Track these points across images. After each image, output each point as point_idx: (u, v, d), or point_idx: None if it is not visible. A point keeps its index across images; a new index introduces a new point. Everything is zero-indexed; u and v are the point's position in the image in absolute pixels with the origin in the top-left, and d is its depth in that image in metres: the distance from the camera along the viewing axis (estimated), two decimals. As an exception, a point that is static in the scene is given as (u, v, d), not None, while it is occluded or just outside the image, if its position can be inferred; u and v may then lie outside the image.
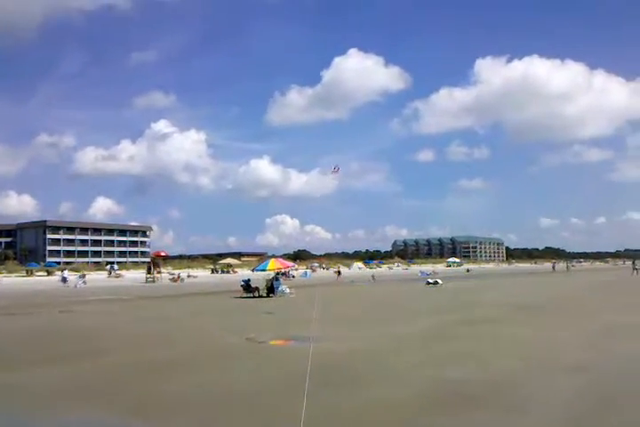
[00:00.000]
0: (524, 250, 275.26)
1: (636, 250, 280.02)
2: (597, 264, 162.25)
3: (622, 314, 19.70)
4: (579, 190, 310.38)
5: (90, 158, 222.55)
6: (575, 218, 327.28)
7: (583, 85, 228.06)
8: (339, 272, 67.38)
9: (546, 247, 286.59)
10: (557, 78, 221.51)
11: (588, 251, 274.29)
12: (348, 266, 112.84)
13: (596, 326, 16.33)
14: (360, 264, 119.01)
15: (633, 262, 57.37)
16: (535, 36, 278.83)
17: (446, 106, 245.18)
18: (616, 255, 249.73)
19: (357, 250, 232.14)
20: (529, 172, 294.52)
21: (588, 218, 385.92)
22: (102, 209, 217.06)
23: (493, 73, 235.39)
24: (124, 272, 79.41)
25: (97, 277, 65.57)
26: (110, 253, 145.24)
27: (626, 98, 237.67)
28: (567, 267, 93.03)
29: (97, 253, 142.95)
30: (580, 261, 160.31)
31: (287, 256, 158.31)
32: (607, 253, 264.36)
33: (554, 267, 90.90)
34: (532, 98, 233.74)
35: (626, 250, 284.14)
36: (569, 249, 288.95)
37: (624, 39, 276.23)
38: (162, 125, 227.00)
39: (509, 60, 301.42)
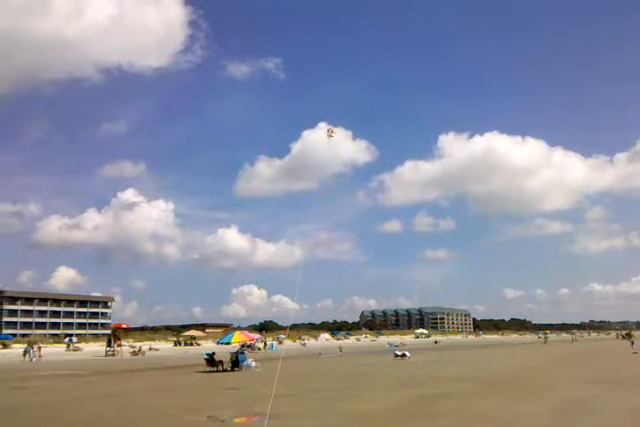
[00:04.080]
0: (491, 321, 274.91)
1: (600, 321, 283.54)
2: (563, 336, 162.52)
3: (590, 388, 19.59)
4: (542, 262, 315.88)
5: (54, 227, 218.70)
6: (539, 289, 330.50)
7: (543, 161, 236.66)
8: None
9: (512, 319, 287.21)
10: (519, 154, 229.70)
11: (553, 322, 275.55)
12: (315, 337, 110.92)
13: (561, 401, 16.18)
14: (327, 335, 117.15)
15: (629, 335, 56.25)
16: (495, 114, 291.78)
17: (412, 178, 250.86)
18: (581, 327, 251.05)
19: (325, 321, 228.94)
20: (493, 243, 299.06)
21: (551, 289, 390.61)
22: (64, 279, 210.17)
23: (456, 148, 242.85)
24: (83, 345, 76.44)
25: (54, 351, 62.94)
26: (69, 325, 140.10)
27: (584, 173, 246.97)
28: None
29: (55, 325, 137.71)
30: (546, 333, 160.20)
31: (253, 328, 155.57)
32: (572, 324, 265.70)
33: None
34: (495, 172, 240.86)
35: (590, 321, 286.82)
36: (534, 320, 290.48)
37: (580, 119, 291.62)
38: (129, 195, 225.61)
39: (471, 136, 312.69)
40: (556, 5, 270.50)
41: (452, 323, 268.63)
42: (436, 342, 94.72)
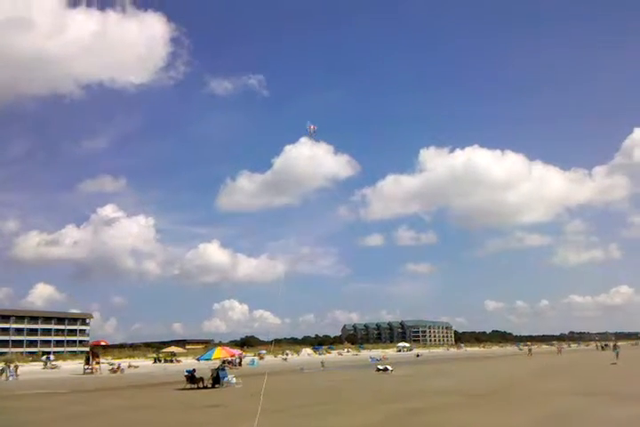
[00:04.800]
0: (472, 333, 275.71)
1: (580, 333, 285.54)
2: (544, 347, 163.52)
3: (573, 400, 19.65)
4: (522, 274, 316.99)
5: (32, 243, 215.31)
6: (520, 301, 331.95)
7: (523, 174, 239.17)
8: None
9: (493, 331, 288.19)
10: (499, 167, 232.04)
11: (533, 334, 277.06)
12: (298, 352, 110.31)
13: (544, 413, 16.19)
14: (309, 351, 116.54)
15: (614, 346, 56.81)
16: (476, 128, 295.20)
17: (393, 192, 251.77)
18: (561, 338, 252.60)
19: (307, 335, 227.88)
20: (474, 256, 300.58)
21: (532, 301, 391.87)
22: (42, 296, 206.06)
23: (437, 162, 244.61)
24: (60, 363, 75.07)
25: (32, 369, 61.76)
26: (47, 343, 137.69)
27: (563, 187, 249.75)
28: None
29: (33, 343, 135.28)
30: (527, 345, 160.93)
31: (234, 343, 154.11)
32: (552, 336, 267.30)
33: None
34: (476, 185, 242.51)
35: (570, 332, 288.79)
36: (515, 332, 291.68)
37: (559, 133, 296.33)
38: (109, 210, 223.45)
39: (452, 150, 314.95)
40: (541, 20, 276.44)
41: (434, 336, 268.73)
42: (418, 356, 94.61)
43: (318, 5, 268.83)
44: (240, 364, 59.72)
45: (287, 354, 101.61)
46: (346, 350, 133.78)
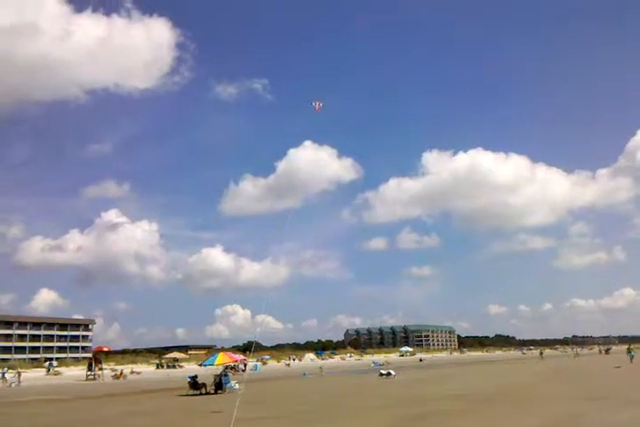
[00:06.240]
0: (475, 338, 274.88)
1: (583, 336, 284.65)
2: (548, 351, 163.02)
3: (578, 404, 19.51)
4: (525, 277, 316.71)
5: (36, 249, 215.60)
6: (523, 305, 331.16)
7: (527, 177, 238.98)
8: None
9: (496, 335, 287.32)
10: (502, 170, 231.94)
11: (537, 338, 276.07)
12: (300, 357, 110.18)
13: (549, 418, 16.05)
14: (312, 355, 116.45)
15: (628, 349, 56.36)
16: (479, 131, 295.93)
17: (396, 196, 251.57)
18: (564, 342, 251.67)
19: (309, 340, 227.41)
20: (477, 259, 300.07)
21: (535, 305, 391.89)
22: (46, 302, 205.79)
23: (440, 165, 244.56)
24: (63, 369, 75.03)
25: (34, 375, 61.67)
26: (50, 349, 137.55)
27: (566, 189, 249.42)
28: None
29: (35, 349, 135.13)
30: (531, 349, 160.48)
31: (237, 349, 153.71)
32: (555, 340, 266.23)
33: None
34: (479, 188, 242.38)
35: (573, 337, 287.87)
36: (518, 336, 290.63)
37: (562, 135, 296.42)
38: (112, 215, 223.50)
39: (455, 154, 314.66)
40: (545, 23, 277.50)
41: (437, 340, 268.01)
42: (421, 360, 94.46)
43: (321, 10, 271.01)
44: (244, 369, 59.59)
45: (292, 359, 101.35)
46: (349, 354, 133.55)
